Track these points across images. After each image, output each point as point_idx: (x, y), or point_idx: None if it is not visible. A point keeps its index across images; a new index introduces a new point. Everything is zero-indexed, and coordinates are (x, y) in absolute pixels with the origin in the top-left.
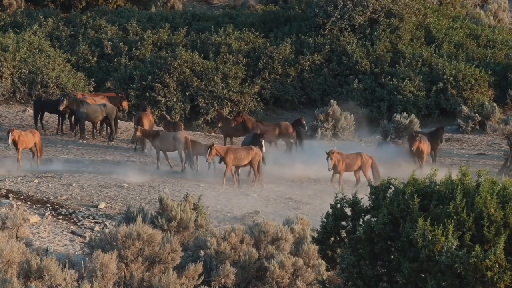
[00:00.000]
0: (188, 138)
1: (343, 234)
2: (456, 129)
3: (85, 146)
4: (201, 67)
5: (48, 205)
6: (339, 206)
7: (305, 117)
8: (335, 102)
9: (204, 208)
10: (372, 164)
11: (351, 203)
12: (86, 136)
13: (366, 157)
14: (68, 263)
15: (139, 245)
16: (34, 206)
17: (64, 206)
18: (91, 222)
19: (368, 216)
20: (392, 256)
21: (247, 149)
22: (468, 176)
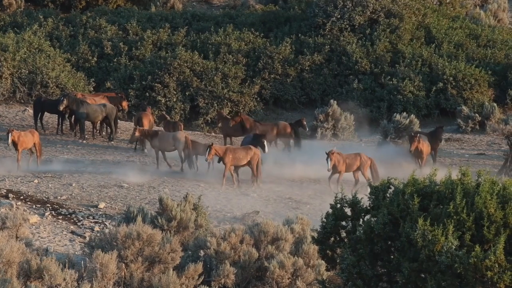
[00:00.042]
0: (187, 138)
1: (343, 234)
2: (456, 129)
3: (85, 146)
4: (201, 67)
5: (48, 205)
6: (339, 206)
7: (305, 117)
8: (335, 102)
9: (204, 208)
10: (371, 165)
11: (351, 203)
12: (86, 136)
13: (365, 157)
14: (68, 263)
15: (139, 245)
16: (34, 206)
17: (64, 206)
18: (91, 222)
19: (368, 216)
20: (392, 256)
21: (246, 149)
22: (468, 176)
